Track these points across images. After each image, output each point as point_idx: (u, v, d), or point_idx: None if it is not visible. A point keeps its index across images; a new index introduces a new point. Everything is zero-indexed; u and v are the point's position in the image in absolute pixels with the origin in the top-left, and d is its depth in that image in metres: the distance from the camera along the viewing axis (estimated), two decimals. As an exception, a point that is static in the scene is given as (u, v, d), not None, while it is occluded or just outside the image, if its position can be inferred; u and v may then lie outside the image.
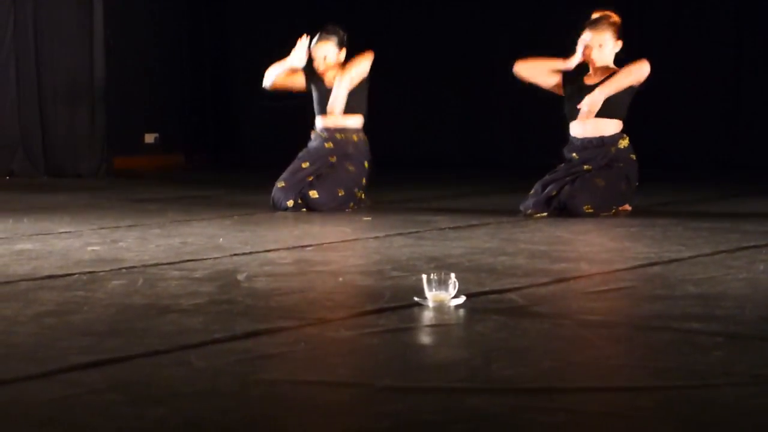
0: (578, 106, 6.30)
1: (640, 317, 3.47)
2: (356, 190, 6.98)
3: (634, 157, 6.45)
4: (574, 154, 6.44)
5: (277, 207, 6.90)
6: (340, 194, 6.87)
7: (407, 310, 3.57)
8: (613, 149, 6.38)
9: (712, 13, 10.65)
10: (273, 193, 6.95)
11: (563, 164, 6.49)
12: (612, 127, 6.40)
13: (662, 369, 2.77)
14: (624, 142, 6.41)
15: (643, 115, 10.38)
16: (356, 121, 7.05)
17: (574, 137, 6.48)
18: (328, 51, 7.03)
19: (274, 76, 7.21)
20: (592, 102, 6.28)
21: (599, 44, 6.40)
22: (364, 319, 3.46)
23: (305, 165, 6.98)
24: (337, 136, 7.01)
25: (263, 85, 7.28)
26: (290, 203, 6.84)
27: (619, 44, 6.45)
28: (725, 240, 5.19)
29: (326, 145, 7.01)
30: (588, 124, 6.41)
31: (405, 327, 3.34)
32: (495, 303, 3.70)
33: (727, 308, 3.53)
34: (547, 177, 6.42)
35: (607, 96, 6.29)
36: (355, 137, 7.01)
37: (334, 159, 6.96)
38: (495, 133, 11.58)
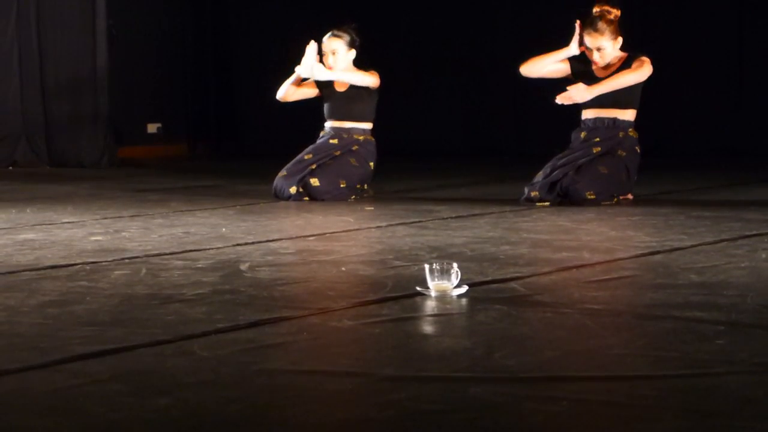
0: (566, 91, 6.28)
1: (642, 306, 3.48)
2: (358, 185, 6.99)
3: (638, 149, 6.47)
4: (582, 134, 6.46)
5: (279, 196, 6.90)
6: (341, 185, 6.87)
7: (409, 299, 3.57)
8: (621, 134, 6.40)
9: (715, 0, 10.64)
10: (275, 183, 6.96)
11: (572, 148, 6.49)
12: (627, 114, 6.44)
13: (664, 358, 2.78)
14: (633, 133, 6.44)
15: (646, 103, 10.40)
16: (364, 126, 7.07)
17: (585, 119, 6.51)
18: (337, 47, 7.01)
19: (286, 89, 7.19)
20: (580, 94, 6.27)
21: (597, 47, 6.39)
22: (367, 308, 3.47)
23: (308, 157, 7.00)
24: (344, 135, 7.02)
25: (276, 97, 7.26)
26: (293, 190, 6.84)
27: (620, 41, 6.43)
28: (727, 228, 5.19)
29: (331, 141, 7.02)
30: (602, 112, 6.45)
31: (407, 316, 3.35)
32: (497, 292, 3.70)
33: (729, 297, 3.53)
34: (556, 161, 6.43)
35: (599, 93, 6.29)
36: (361, 137, 7.03)
37: (338, 153, 6.97)
38: (497, 122, 11.57)
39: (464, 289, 3.63)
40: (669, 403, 2.42)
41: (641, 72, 6.36)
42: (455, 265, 3.63)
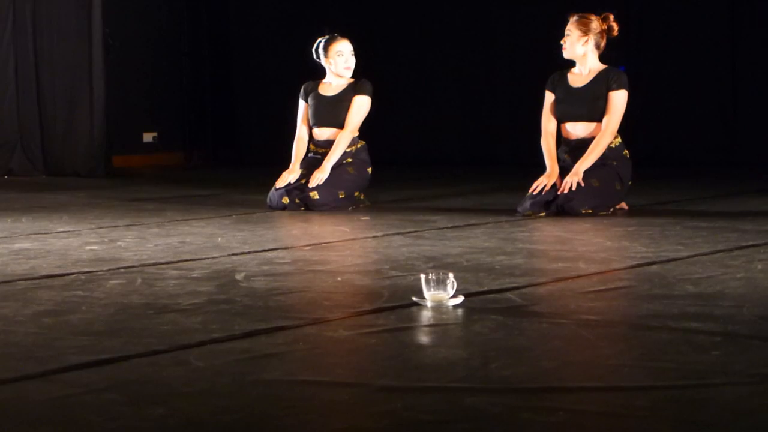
0: (564, 187, 6.27)
1: (638, 317, 3.47)
2: (356, 192, 6.98)
3: (627, 154, 6.46)
4: (566, 156, 6.47)
5: (273, 207, 6.89)
6: (340, 196, 6.86)
7: (405, 309, 3.57)
8: (606, 149, 6.39)
9: (708, 10, 10.65)
10: (269, 195, 6.94)
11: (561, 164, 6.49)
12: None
13: (660, 368, 2.77)
14: (616, 141, 6.43)
15: (641, 113, 10.41)
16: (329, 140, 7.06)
17: (566, 138, 6.51)
18: (351, 49, 7.04)
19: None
20: (577, 177, 6.27)
21: (567, 33, 6.48)
22: (363, 318, 3.46)
23: (302, 171, 6.98)
24: (320, 150, 7.01)
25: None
26: (285, 200, 6.83)
27: (589, 44, 6.45)
28: (723, 239, 5.19)
29: (310, 156, 7.01)
30: (579, 127, 6.45)
31: (403, 327, 3.35)
32: (493, 303, 3.70)
33: (725, 307, 3.53)
34: (543, 179, 6.41)
35: (588, 166, 6.30)
36: (351, 148, 7.01)
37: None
38: (494, 131, 11.58)
39: (460, 299, 3.63)
40: (665, 413, 2.42)
41: (613, 124, 6.35)
42: (451, 275, 3.63)
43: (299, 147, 7.10)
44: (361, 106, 7.02)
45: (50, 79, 10.97)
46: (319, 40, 7.13)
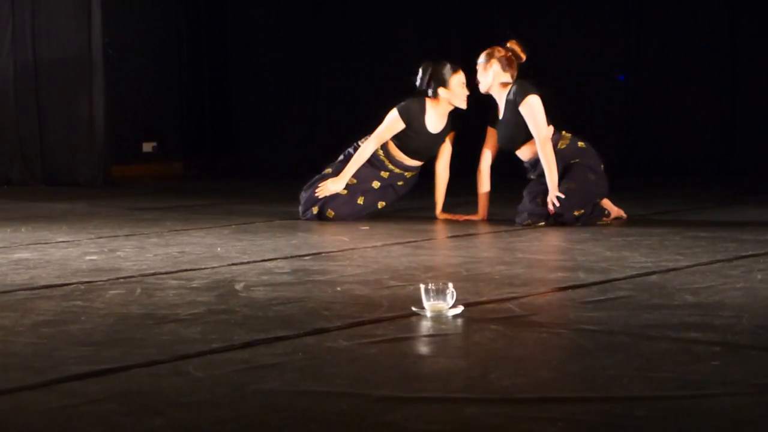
0: (550, 208, 6.27)
1: (637, 326, 3.47)
2: (377, 206, 6.96)
3: (582, 144, 6.44)
4: (531, 176, 6.53)
5: (303, 209, 6.87)
6: (359, 202, 6.85)
7: (405, 319, 3.57)
8: (559, 153, 6.39)
9: (707, 18, 10.66)
10: (305, 196, 6.86)
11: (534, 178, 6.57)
12: (533, 148, 6.44)
13: (660, 378, 2.77)
14: (564, 141, 6.42)
15: (640, 122, 10.41)
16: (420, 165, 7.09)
17: (522, 161, 6.61)
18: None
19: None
20: (555, 192, 6.27)
21: (477, 70, 6.65)
22: (362, 328, 3.46)
23: (328, 171, 6.90)
24: (396, 170, 6.96)
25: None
26: (315, 210, 6.78)
27: (493, 67, 6.57)
28: (723, 249, 5.19)
29: (382, 173, 6.94)
30: (522, 152, 6.52)
31: (403, 337, 3.35)
32: (493, 312, 3.70)
33: (724, 317, 3.53)
34: (532, 186, 6.46)
35: (556, 179, 6.30)
36: (409, 174, 7.02)
37: (378, 185, 6.93)
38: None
39: (460, 309, 3.63)
40: (664, 424, 2.42)
41: (540, 132, 6.36)
42: (451, 285, 3.63)
43: (357, 164, 6.83)
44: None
45: (49, 89, 10.98)
46: (429, 66, 6.99)
